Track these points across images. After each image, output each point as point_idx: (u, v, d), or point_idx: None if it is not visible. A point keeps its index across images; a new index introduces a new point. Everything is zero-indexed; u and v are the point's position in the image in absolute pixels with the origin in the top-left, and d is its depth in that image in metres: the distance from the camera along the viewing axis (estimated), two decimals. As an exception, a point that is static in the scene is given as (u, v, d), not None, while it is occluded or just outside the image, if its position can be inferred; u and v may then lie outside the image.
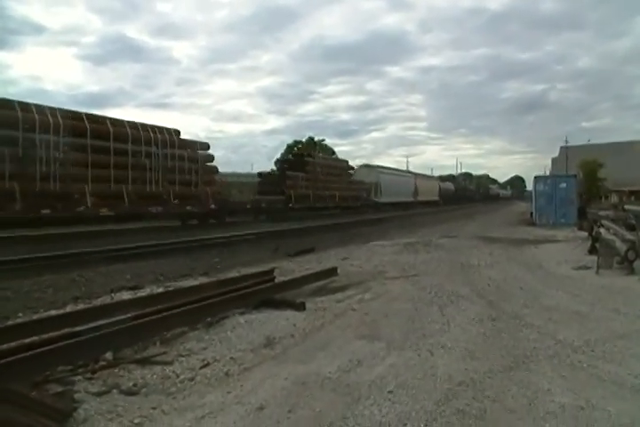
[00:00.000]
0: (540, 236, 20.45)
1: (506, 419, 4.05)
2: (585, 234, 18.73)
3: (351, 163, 64.96)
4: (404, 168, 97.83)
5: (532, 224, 27.50)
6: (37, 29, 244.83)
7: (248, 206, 34.39)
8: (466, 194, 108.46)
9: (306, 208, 40.57)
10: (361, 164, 58.62)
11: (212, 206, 28.99)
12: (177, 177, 27.21)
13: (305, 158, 44.02)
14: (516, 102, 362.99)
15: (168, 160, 26.49)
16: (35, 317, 7.22)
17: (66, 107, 21.84)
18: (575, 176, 33.07)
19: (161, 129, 26.88)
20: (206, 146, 30.86)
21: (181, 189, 27.40)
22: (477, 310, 7.56)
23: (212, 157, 31.19)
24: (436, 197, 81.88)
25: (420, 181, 73.42)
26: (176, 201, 26.73)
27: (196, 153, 29.16)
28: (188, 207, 27.54)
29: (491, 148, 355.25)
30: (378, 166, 60.55)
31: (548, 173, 74.74)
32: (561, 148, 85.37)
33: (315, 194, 42.45)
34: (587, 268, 11.49)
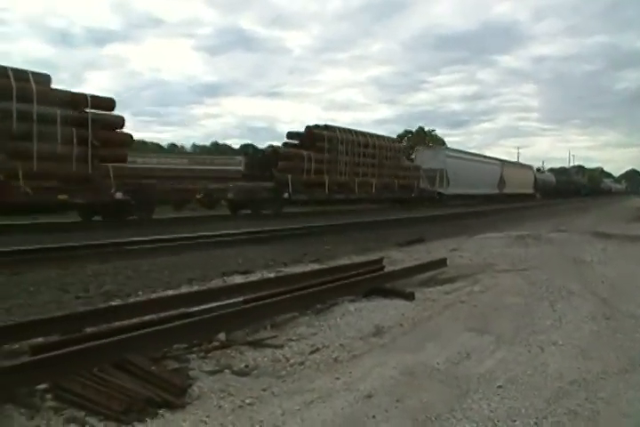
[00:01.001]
0: (659, 234, 19.59)
1: (620, 422, 3.94)
2: None
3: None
4: (515, 159, 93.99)
5: (650, 221, 26.36)
6: (156, 22, 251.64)
7: (199, 196, 26.53)
8: (570, 187, 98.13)
9: (315, 201, 31.47)
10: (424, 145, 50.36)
11: (118, 195, 20.09)
12: (38, 147, 17.52)
13: (314, 131, 32.06)
14: (635, 93, 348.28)
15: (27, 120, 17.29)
16: (153, 295, 7.52)
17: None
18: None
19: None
20: (108, 103, 20.52)
21: (51, 167, 18.07)
22: (590, 307, 7.34)
23: (120, 121, 20.96)
24: (530, 190, 72.95)
25: (508, 169, 63.23)
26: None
27: (85, 113, 19.25)
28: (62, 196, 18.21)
29: (606, 140, 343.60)
30: (446, 148, 52.16)
31: (667, 167, 71.44)
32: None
33: (333, 181, 32.03)
34: None
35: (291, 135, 32.57)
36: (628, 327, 6.41)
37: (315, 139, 31.57)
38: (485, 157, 61.52)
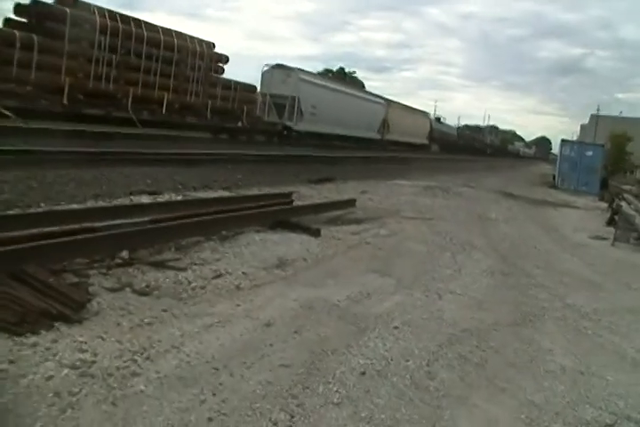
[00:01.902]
0: (561, 200, 20.35)
1: (505, 371, 4.10)
2: (605, 205, 18.64)
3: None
4: (433, 112, 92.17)
5: (554, 187, 27.28)
6: None
7: None
8: (474, 144, 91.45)
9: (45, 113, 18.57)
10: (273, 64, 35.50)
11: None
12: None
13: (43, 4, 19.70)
14: (554, 63, 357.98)
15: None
16: (56, 208, 7.27)
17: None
18: (603, 146, 32.63)
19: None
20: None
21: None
22: (490, 262, 7.59)
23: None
24: (424, 140, 64.09)
25: (395, 112, 52.74)
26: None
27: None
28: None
29: (522, 105, 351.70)
30: (301, 70, 36.98)
31: (575, 138, 73.28)
32: (591, 115, 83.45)
33: (80, 86, 20.24)
34: (603, 238, 11.43)
35: (19, 9, 19.54)
36: (523, 284, 6.67)
37: (44, 16, 19.41)
38: (365, 92, 52.55)
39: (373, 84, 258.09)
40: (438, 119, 75.66)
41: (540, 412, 3.52)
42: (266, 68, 35.48)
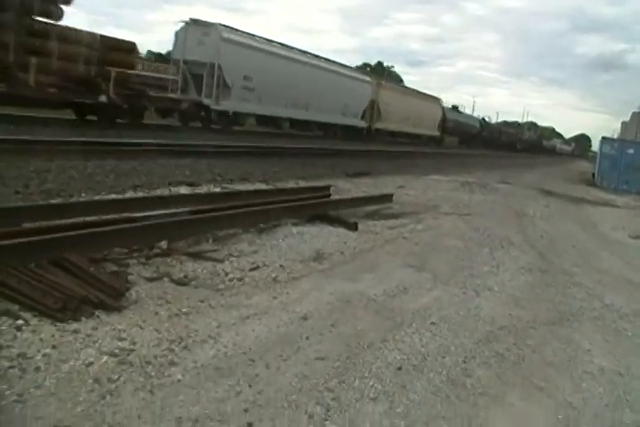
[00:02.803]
0: (600, 198, 20.02)
1: (543, 371, 4.05)
2: (646, 203, 18.36)
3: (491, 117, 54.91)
4: (470, 109, 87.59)
5: (593, 185, 26.90)
6: None
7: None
8: (501, 138, 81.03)
9: None
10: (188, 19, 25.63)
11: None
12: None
13: None
14: (594, 58, 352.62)
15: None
16: (96, 198, 7.36)
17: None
18: (645, 144, 32.03)
19: None
20: None
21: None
22: (528, 259, 7.51)
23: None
24: (433, 131, 54.19)
25: (387, 93, 43.31)
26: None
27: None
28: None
29: (560, 101, 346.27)
30: (227, 27, 26.50)
31: (616, 136, 71.79)
32: (633, 113, 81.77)
33: None
34: (643, 237, 11.24)
35: None
36: (561, 282, 6.58)
37: None
38: (338, 64, 38.29)
39: (411, 78, 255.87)
40: (456, 107, 66.05)
41: (578, 413, 3.47)
42: (179, 26, 25.72)
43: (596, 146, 43.00)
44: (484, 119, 79.63)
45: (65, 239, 4.59)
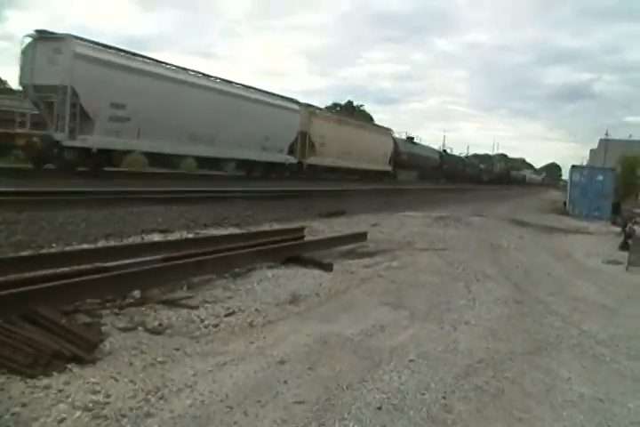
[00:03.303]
0: (572, 226, 20.23)
1: (523, 402, 4.04)
2: (618, 229, 18.50)
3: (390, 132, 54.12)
4: (441, 143, 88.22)
5: (565, 214, 27.17)
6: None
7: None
8: (465, 171, 78.48)
9: None
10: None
11: None
12: None
13: None
14: (560, 89, 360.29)
15: None
16: (67, 248, 7.30)
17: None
18: (613, 170, 32.48)
19: None
20: None
21: None
22: (503, 291, 7.54)
23: None
24: (384, 166, 50.17)
25: (325, 125, 39.27)
26: None
27: None
28: None
29: (529, 132, 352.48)
30: (81, 40, 20.88)
31: (585, 163, 72.46)
32: (600, 140, 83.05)
33: None
34: (617, 263, 11.34)
35: None
36: (537, 312, 6.61)
37: None
38: (255, 90, 32.13)
39: (381, 116, 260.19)
40: (411, 139, 62.09)
41: (560, 443, 3.47)
42: (26, 42, 20.45)
43: (566, 174, 43.59)
44: (445, 151, 77.97)
45: (35, 292, 4.53)
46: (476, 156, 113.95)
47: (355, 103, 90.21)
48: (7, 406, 3.13)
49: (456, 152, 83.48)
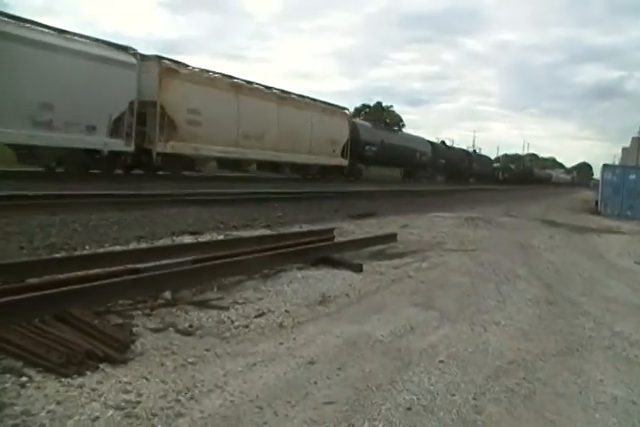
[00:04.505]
0: (604, 226, 19.99)
1: (555, 403, 4.01)
2: (651, 229, 18.32)
3: (417, 132, 50.41)
4: (471, 143, 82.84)
5: (597, 213, 26.88)
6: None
7: None
8: (472, 167, 65.69)
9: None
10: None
11: None
12: None
13: None
14: (591, 87, 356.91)
15: None
16: (100, 250, 7.39)
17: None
18: (646, 168, 32.05)
19: None
20: None
21: None
22: (534, 291, 7.48)
23: None
24: (333, 160, 36.86)
25: (195, 90, 24.72)
26: None
27: None
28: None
29: (560, 131, 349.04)
30: None
31: (617, 162, 71.29)
32: (633, 138, 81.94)
33: None
34: (650, 263, 11.20)
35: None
36: (569, 313, 6.55)
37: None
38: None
39: (411, 117, 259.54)
40: (385, 123, 50.64)
41: (592, 445, 3.44)
42: None
43: (597, 174, 42.97)
44: (443, 142, 63.29)
45: (68, 293, 4.61)
46: (506, 156, 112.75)
47: (384, 104, 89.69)
48: (42, 404, 3.18)
49: (486, 152, 78.32)
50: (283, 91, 32.25)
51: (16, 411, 3.09)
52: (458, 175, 62.28)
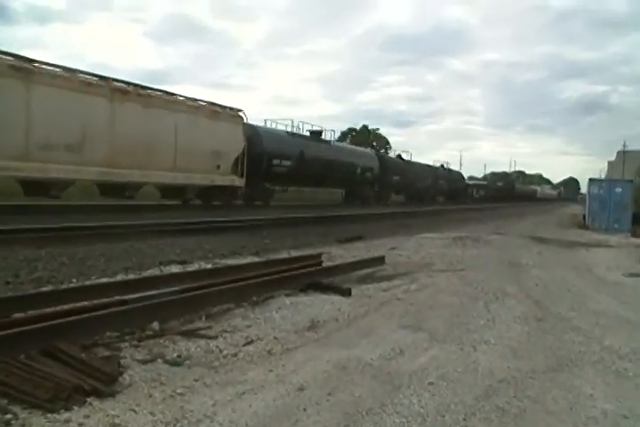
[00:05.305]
0: (592, 240, 20.06)
1: (546, 421, 4.00)
2: (638, 241, 18.39)
3: (405, 154, 48.27)
4: (457, 163, 78.44)
5: (585, 227, 27.00)
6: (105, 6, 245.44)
7: None
8: (438, 184, 60.13)
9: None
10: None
11: None
12: None
13: None
14: (576, 103, 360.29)
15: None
16: (87, 283, 7.37)
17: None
18: (632, 182, 32.26)
19: None
20: None
21: None
22: (523, 308, 7.49)
23: None
24: (215, 178, 26.52)
25: (48, 92, 18.19)
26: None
27: None
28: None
29: (546, 147, 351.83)
30: None
31: (603, 176, 71.60)
32: (618, 152, 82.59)
33: None
34: (638, 275, 11.24)
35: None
36: (558, 329, 6.56)
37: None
38: None
39: (397, 139, 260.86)
40: (318, 133, 39.37)
41: (584, 461, 3.43)
42: None
43: (584, 188, 43.19)
44: (399, 156, 55.91)
45: (55, 327, 4.61)
46: (493, 174, 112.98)
47: (370, 127, 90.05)
48: (29, 442, 3.16)
49: (473, 171, 75.08)
50: (126, 82, 22.45)
51: (2, 450, 3.07)
52: (419, 194, 55.27)
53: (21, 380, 3.79)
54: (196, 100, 26.30)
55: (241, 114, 29.03)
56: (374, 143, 74.21)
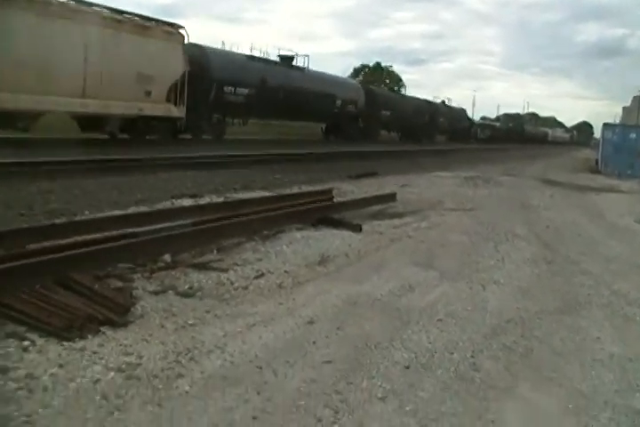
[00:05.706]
0: (604, 184, 19.89)
1: (552, 361, 4.05)
2: (651, 187, 18.28)
3: (417, 93, 46.31)
4: (470, 103, 75.20)
5: (597, 172, 26.77)
6: None
7: None
8: (437, 121, 53.43)
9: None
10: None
11: None
12: None
13: None
14: (593, 46, 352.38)
15: None
16: (99, 215, 7.39)
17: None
18: (646, 128, 31.76)
19: None
20: None
21: None
22: (533, 250, 7.50)
23: None
24: (142, 106, 20.32)
25: None
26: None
27: None
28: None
29: (561, 90, 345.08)
30: None
31: (618, 121, 70.33)
32: (634, 97, 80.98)
33: None
34: (650, 221, 11.19)
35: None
36: (568, 272, 6.57)
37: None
38: None
39: (410, 76, 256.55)
40: (289, 59, 34.20)
41: (588, 401, 3.47)
42: None
43: (597, 133, 42.59)
44: (393, 89, 52.00)
45: (69, 258, 4.63)
46: (506, 115, 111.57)
47: (383, 64, 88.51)
48: (45, 368, 3.21)
49: (486, 111, 71.73)
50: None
51: (19, 374, 3.12)
52: (415, 132, 49.65)
53: (37, 309, 3.84)
54: (120, 11, 20.28)
55: (182, 31, 22.53)
56: (387, 80, 72.91)
